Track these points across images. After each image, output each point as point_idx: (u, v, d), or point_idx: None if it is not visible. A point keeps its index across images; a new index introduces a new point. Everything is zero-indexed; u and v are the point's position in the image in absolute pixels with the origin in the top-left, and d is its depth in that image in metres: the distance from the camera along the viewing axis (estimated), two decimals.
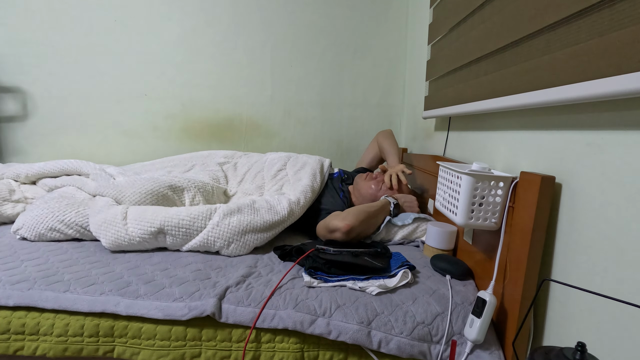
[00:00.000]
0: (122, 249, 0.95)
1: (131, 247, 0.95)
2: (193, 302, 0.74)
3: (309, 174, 1.31)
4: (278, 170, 1.40)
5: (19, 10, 1.71)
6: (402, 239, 1.13)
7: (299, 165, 1.41)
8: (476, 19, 0.99)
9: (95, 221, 0.97)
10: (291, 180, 1.32)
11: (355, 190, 1.33)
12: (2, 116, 1.79)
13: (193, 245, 0.96)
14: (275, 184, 1.34)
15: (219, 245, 0.96)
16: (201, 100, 1.86)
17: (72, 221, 1.02)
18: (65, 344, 0.72)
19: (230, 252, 0.97)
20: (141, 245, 0.95)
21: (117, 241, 0.94)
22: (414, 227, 1.13)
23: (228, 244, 0.97)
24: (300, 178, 1.30)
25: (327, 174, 1.39)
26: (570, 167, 0.64)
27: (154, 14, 1.77)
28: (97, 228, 0.96)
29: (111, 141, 1.85)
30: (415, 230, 1.13)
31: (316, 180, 1.29)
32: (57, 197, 1.14)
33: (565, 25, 0.63)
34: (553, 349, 0.44)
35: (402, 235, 1.13)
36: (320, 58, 1.87)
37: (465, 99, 1.02)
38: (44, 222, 1.01)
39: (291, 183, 1.30)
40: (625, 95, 0.49)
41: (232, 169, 1.48)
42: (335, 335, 0.71)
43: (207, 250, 0.98)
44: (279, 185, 1.33)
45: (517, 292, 0.68)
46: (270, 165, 1.44)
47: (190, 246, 0.97)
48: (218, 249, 0.97)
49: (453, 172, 0.80)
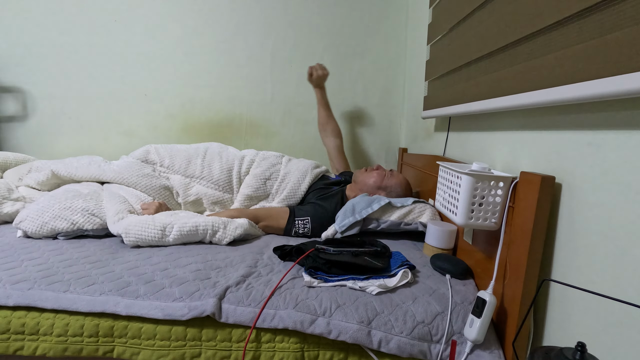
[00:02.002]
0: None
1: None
2: (193, 302, 0.74)
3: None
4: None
5: (19, 10, 1.71)
6: (399, 220, 1.12)
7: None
8: (475, 19, 0.99)
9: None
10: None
11: (355, 184, 1.35)
12: (2, 116, 1.79)
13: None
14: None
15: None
16: (201, 100, 1.86)
17: (80, 207, 1.05)
18: (65, 344, 0.72)
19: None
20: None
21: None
22: (411, 209, 1.13)
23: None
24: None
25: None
26: (570, 167, 0.64)
27: (154, 14, 1.77)
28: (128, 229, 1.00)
29: (111, 141, 1.85)
30: (412, 211, 1.13)
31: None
32: (63, 191, 1.15)
33: (565, 26, 0.63)
34: (553, 349, 0.44)
35: (398, 215, 1.13)
36: (320, 58, 1.87)
37: (465, 99, 1.02)
38: (49, 211, 1.02)
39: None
40: (625, 95, 0.49)
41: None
42: (335, 334, 0.71)
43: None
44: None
45: (517, 292, 0.68)
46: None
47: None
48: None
49: (453, 172, 0.80)
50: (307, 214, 1.20)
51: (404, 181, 1.33)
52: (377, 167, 1.37)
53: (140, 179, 1.27)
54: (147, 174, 1.29)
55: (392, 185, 1.31)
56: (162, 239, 0.99)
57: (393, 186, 1.31)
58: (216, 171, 1.37)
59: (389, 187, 1.30)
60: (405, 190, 1.32)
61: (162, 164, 1.38)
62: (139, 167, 1.32)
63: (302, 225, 1.17)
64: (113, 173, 1.28)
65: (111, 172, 1.29)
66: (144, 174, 1.29)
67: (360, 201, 1.16)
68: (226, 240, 1.04)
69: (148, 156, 1.40)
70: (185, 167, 1.37)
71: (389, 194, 1.29)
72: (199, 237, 1.03)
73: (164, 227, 1.01)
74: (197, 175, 1.36)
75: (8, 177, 1.36)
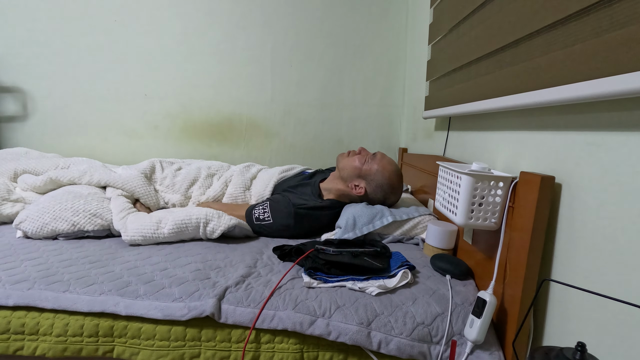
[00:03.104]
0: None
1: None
2: (192, 302, 0.74)
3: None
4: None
5: (19, 10, 1.71)
6: (401, 236, 1.12)
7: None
8: (476, 18, 0.98)
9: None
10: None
11: (337, 171, 1.26)
12: (2, 116, 1.79)
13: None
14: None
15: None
16: (201, 100, 1.86)
17: (81, 208, 1.05)
18: (64, 344, 0.72)
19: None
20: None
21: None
22: (414, 224, 1.12)
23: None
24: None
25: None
26: (570, 167, 0.64)
27: (154, 14, 1.77)
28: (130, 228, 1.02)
29: (111, 141, 1.85)
30: (416, 226, 1.12)
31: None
32: (63, 192, 1.15)
33: (565, 25, 0.63)
34: (553, 349, 0.44)
35: (400, 232, 1.11)
36: (320, 58, 1.87)
37: (465, 99, 1.02)
38: (50, 212, 1.02)
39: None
40: (624, 95, 0.49)
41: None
42: (335, 336, 0.71)
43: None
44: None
45: (517, 292, 0.68)
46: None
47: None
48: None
49: (453, 172, 0.80)
50: (266, 200, 1.20)
51: (388, 167, 1.17)
52: (360, 151, 1.23)
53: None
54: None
55: (373, 172, 1.16)
56: (157, 231, 1.01)
57: (373, 174, 1.16)
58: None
59: (369, 174, 1.17)
60: (390, 178, 1.17)
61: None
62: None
63: (262, 210, 1.15)
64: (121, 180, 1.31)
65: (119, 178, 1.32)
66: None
67: (362, 214, 1.09)
68: (220, 229, 1.04)
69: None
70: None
71: (369, 183, 1.17)
72: (192, 227, 1.04)
73: (159, 220, 1.04)
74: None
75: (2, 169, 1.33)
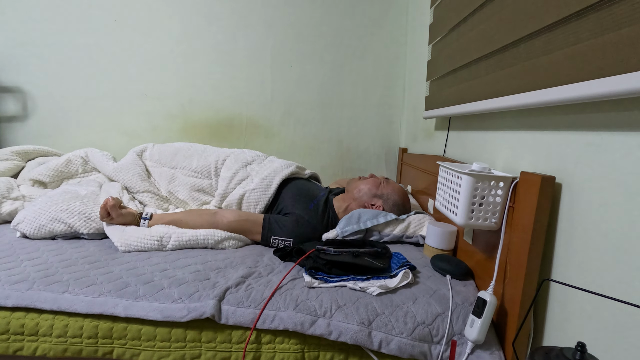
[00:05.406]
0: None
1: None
2: (192, 303, 0.74)
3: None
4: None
5: (19, 10, 1.71)
6: (401, 233, 1.13)
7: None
8: (476, 19, 0.98)
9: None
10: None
11: (348, 193, 1.29)
12: (2, 116, 1.79)
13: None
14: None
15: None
16: (201, 100, 1.86)
17: (77, 210, 1.05)
18: (64, 344, 0.72)
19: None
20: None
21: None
22: (410, 221, 1.14)
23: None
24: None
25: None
26: (570, 167, 0.64)
27: (154, 14, 1.77)
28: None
29: (111, 141, 1.85)
30: (411, 223, 1.14)
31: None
32: (60, 192, 1.16)
33: (565, 25, 0.63)
34: (553, 349, 0.44)
35: (400, 229, 1.13)
36: (320, 58, 1.87)
37: (465, 98, 1.02)
38: (46, 213, 1.02)
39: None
40: (624, 95, 0.49)
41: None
42: (335, 335, 0.71)
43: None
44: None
45: (517, 292, 0.68)
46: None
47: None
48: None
49: (453, 172, 0.80)
50: (288, 233, 1.10)
51: (400, 189, 1.29)
52: (371, 176, 1.33)
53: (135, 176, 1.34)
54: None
55: (389, 192, 1.26)
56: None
57: (389, 193, 1.25)
58: (194, 162, 1.43)
59: (385, 194, 1.25)
60: (403, 198, 1.27)
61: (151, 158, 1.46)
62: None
63: (282, 243, 1.10)
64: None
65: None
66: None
67: (367, 212, 1.15)
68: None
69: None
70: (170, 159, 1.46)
71: (386, 202, 1.24)
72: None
73: (160, 237, 1.00)
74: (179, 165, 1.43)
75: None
